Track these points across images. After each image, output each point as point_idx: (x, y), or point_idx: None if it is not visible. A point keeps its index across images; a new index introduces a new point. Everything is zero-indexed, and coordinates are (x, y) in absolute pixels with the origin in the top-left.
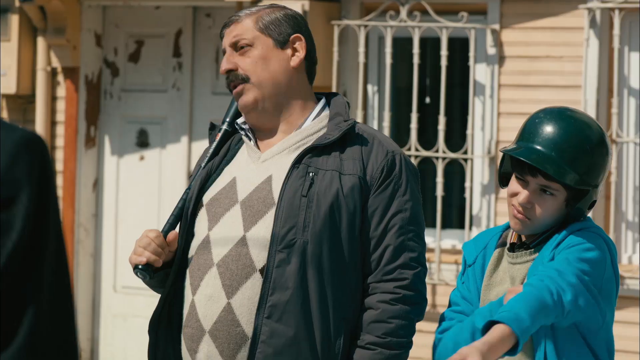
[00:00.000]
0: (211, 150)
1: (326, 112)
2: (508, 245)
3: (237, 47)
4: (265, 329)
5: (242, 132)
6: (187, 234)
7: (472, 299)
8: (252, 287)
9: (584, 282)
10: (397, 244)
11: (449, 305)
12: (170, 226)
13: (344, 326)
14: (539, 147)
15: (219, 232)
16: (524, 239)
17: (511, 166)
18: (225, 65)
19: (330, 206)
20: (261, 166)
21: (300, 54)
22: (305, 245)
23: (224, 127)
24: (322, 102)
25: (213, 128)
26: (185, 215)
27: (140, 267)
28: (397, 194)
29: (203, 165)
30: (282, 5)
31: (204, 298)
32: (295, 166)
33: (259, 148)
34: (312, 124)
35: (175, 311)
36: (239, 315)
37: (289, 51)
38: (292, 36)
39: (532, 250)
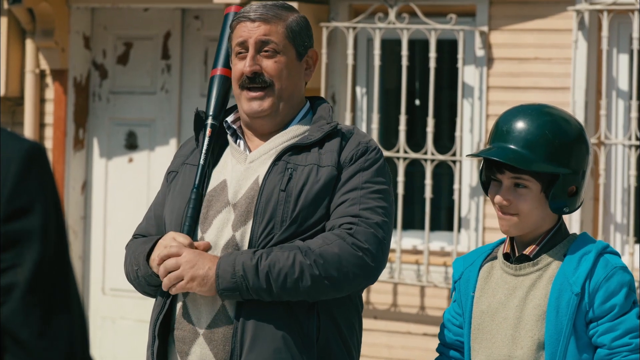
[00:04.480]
0: (205, 148)
1: (310, 116)
2: (502, 256)
3: (261, 48)
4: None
5: (229, 132)
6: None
7: (455, 330)
8: None
9: None
10: (369, 204)
11: (443, 324)
12: (189, 228)
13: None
14: (510, 146)
15: (210, 235)
16: (517, 250)
17: (486, 169)
18: (253, 66)
19: (308, 198)
20: (249, 168)
21: (313, 69)
22: (281, 238)
23: (211, 121)
24: (307, 105)
25: (199, 117)
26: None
27: None
28: (371, 169)
29: (202, 163)
30: (297, 11)
31: (198, 299)
32: (275, 163)
33: (248, 147)
34: (297, 126)
35: (170, 313)
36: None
37: (304, 64)
38: (310, 50)
39: (535, 261)
